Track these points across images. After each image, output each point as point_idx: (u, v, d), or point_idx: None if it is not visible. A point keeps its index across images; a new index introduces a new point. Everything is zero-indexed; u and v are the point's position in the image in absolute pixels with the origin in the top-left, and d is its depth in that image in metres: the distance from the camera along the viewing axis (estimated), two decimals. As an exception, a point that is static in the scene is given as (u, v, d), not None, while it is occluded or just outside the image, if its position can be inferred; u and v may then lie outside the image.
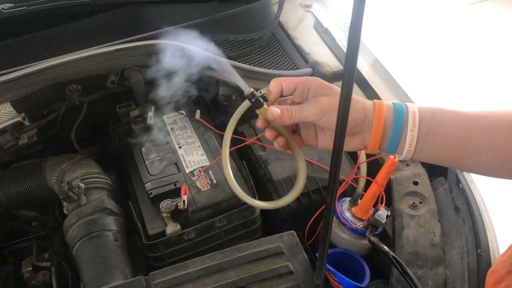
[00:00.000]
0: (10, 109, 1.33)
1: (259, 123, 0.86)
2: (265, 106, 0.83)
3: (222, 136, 1.42)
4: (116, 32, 1.46)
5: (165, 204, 1.19)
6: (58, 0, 1.43)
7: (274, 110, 0.80)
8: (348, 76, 0.48)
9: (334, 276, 1.11)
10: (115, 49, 1.35)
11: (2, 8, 1.36)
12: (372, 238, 1.15)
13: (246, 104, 0.90)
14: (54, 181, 1.19)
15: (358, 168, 1.30)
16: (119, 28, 1.49)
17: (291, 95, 0.86)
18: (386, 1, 3.72)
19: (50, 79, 1.31)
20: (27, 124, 1.40)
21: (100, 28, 1.47)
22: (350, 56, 0.47)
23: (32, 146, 1.47)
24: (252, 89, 0.82)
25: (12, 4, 1.39)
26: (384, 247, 1.11)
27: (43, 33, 1.42)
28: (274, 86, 0.84)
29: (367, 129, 0.80)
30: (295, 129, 0.90)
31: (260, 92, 0.83)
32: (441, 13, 3.88)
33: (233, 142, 1.40)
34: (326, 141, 0.86)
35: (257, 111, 0.84)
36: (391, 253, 1.08)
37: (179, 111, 1.49)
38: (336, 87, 0.82)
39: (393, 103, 0.81)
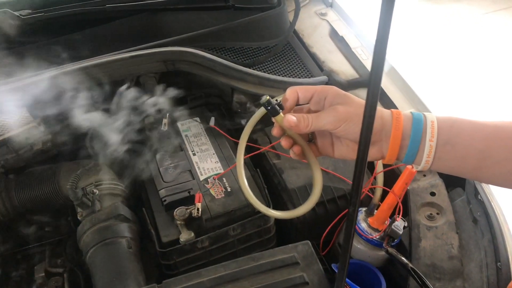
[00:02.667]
0: (26, 114, 1.33)
1: (274, 131, 0.85)
2: (281, 114, 0.82)
3: (236, 144, 1.42)
4: (132, 38, 1.47)
5: (179, 212, 1.19)
6: (75, 7, 1.44)
7: (290, 118, 0.79)
8: (374, 85, 0.47)
9: (350, 288, 1.09)
10: (130, 56, 1.35)
11: (20, 14, 1.37)
12: (389, 249, 1.13)
13: (261, 111, 0.89)
14: (68, 187, 1.19)
15: (375, 178, 1.29)
16: (135, 35, 1.50)
17: (307, 103, 0.85)
18: (403, 9, 3.71)
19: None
20: (42, 129, 1.40)
21: (116, 35, 1.48)
22: (376, 66, 0.46)
23: (46, 152, 1.47)
24: (268, 97, 0.81)
25: (30, 11, 1.40)
26: (403, 258, 1.09)
27: (59, 40, 1.43)
28: (290, 94, 0.83)
29: (384, 139, 0.79)
30: (311, 138, 0.89)
31: (276, 100, 0.82)
32: (458, 22, 3.87)
33: (248, 149, 1.38)
34: (343, 151, 0.85)
35: (273, 119, 0.83)
36: (410, 265, 1.06)
37: (194, 118, 1.48)
38: (353, 96, 0.81)
39: (411, 112, 0.79)
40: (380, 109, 0.80)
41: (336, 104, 0.79)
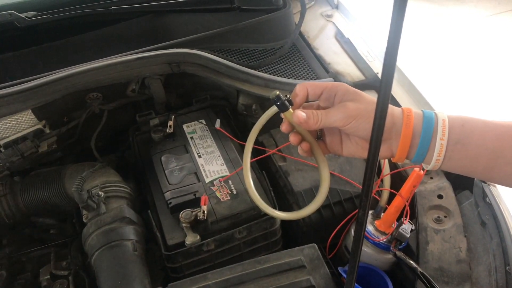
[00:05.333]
0: (31, 117, 1.33)
1: (283, 127, 0.84)
2: (290, 110, 0.81)
3: (242, 146, 1.41)
4: (137, 40, 1.46)
5: (185, 214, 1.18)
6: (80, 9, 1.43)
7: (300, 114, 0.79)
8: (385, 86, 0.46)
9: (357, 292, 1.08)
10: (136, 58, 1.35)
11: (25, 16, 1.37)
12: (398, 253, 1.11)
13: (267, 114, 0.89)
14: (74, 189, 1.19)
15: (382, 180, 1.28)
16: (140, 37, 1.49)
17: (317, 100, 0.84)
18: (407, 12, 3.71)
19: (71, 87, 1.31)
20: (48, 131, 1.40)
21: (121, 37, 1.48)
22: (388, 66, 0.46)
23: (52, 154, 1.48)
24: (278, 92, 0.80)
25: (35, 12, 1.40)
26: (412, 262, 1.08)
27: (65, 41, 1.44)
28: (300, 90, 0.83)
29: (395, 137, 0.78)
30: (319, 135, 0.88)
31: (286, 96, 0.81)
32: (463, 24, 3.86)
33: (253, 152, 1.38)
34: (352, 148, 0.84)
35: (282, 115, 0.83)
36: (419, 269, 1.05)
37: (199, 120, 1.48)
38: (363, 93, 0.80)
39: (422, 110, 0.79)
40: (391, 106, 0.79)
41: (346, 101, 0.79)
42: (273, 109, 0.87)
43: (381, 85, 0.47)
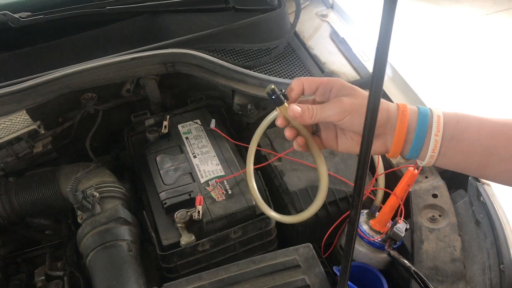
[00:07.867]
0: (25, 117, 1.33)
1: (278, 121, 0.85)
2: (285, 104, 0.82)
3: (237, 146, 1.41)
4: (132, 41, 1.46)
5: (180, 214, 1.18)
6: (75, 9, 1.43)
7: (295, 108, 0.79)
8: (377, 83, 0.46)
9: (352, 291, 1.08)
10: (131, 58, 1.34)
11: (19, 17, 1.37)
12: (392, 252, 1.12)
13: (269, 118, 0.90)
14: (68, 190, 1.19)
15: (376, 180, 1.28)
16: (135, 37, 1.49)
17: (312, 95, 0.85)
18: (404, 10, 3.72)
19: (66, 87, 1.31)
20: (42, 132, 1.39)
21: (116, 37, 1.48)
22: (379, 64, 0.46)
23: (46, 154, 1.47)
24: (273, 86, 0.80)
25: (29, 13, 1.39)
26: (406, 261, 1.08)
27: (59, 42, 1.43)
28: (295, 84, 0.83)
29: (389, 132, 0.78)
30: (315, 130, 0.88)
31: (281, 90, 0.82)
32: (459, 23, 3.87)
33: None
34: (347, 144, 0.84)
35: (277, 109, 0.83)
36: (413, 268, 1.05)
37: (194, 120, 1.48)
38: (359, 88, 0.80)
39: (417, 106, 0.79)
40: (386, 102, 0.79)
41: (341, 96, 0.79)
42: (274, 113, 0.87)
43: (372, 80, 0.47)
